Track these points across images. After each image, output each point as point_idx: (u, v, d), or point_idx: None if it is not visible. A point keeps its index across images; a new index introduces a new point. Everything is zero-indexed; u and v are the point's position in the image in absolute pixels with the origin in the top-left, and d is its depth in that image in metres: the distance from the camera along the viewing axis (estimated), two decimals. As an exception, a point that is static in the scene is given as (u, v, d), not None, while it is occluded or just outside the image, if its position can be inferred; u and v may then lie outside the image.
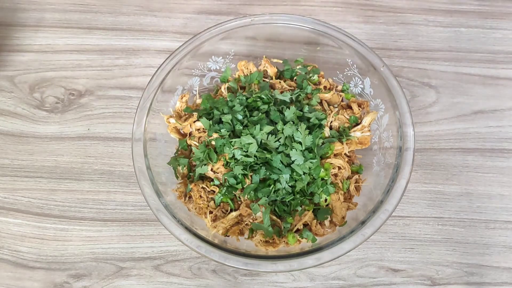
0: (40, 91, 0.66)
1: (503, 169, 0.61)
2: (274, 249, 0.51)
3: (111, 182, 0.61)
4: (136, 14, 0.71)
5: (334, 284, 0.56)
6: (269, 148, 0.53)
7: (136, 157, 0.52)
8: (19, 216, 0.59)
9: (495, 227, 0.58)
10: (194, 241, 0.48)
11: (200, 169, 0.54)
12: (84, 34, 0.70)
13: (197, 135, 0.57)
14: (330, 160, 0.55)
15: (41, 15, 0.71)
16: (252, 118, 0.55)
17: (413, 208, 0.59)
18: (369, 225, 0.48)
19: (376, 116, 0.57)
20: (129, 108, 0.64)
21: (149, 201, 0.50)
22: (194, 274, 0.56)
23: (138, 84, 0.66)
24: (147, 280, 0.56)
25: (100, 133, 0.63)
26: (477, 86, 0.65)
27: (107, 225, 0.58)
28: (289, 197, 0.53)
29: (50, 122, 0.64)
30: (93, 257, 0.57)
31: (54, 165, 0.62)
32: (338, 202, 0.54)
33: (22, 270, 0.56)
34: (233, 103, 0.56)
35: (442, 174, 0.61)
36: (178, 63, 0.56)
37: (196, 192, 0.54)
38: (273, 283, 0.56)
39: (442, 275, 0.56)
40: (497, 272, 0.56)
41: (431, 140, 0.63)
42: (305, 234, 0.52)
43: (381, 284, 0.56)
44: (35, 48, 0.69)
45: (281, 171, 0.52)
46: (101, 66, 0.67)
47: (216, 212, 0.54)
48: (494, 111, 0.64)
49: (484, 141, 0.63)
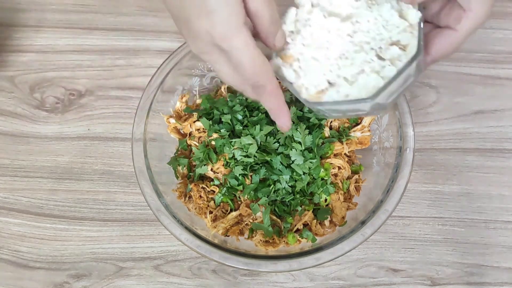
0: (40, 91, 0.66)
1: (503, 169, 0.61)
2: (274, 249, 0.51)
3: (111, 182, 0.61)
4: (137, 15, 0.71)
5: (334, 284, 0.56)
6: (268, 149, 0.53)
7: (136, 157, 0.52)
8: (19, 216, 0.59)
9: (495, 227, 0.58)
10: (194, 241, 0.48)
11: (200, 169, 0.54)
12: (84, 34, 0.70)
13: (197, 135, 0.57)
14: (330, 160, 0.55)
15: (42, 16, 0.71)
16: (252, 118, 0.55)
17: (413, 208, 0.59)
18: (369, 225, 0.48)
19: (376, 116, 0.57)
20: (129, 108, 0.65)
21: (149, 201, 0.50)
22: (194, 274, 0.56)
23: (138, 84, 0.66)
24: (147, 280, 0.56)
25: (100, 133, 0.63)
26: (477, 86, 0.65)
27: (107, 225, 0.58)
28: (289, 197, 0.53)
29: (50, 122, 0.64)
30: (93, 257, 0.57)
31: (54, 165, 0.62)
32: (338, 202, 0.54)
33: (22, 270, 0.56)
34: (233, 103, 0.56)
35: (442, 174, 0.61)
36: (178, 63, 0.56)
37: (196, 192, 0.54)
38: (273, 283, 0.56)
39: (442, 275, 0.56)
40: (497, 272, 0.56)
41: (431, 140, 0.63)
42: (305, 234, 0.52)
43: (381, 284, 0.56)
44: (36, 48, 0.69)
45: (281, 172, 0.52)
46: (101, 66, 0.68)
47: (216, 212, 0.54)
48: (494, 111, 0.64)
49: (484, 141, 0.63)
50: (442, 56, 0.41)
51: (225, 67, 0.37)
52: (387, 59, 0.37)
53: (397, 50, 0.37)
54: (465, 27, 0.39)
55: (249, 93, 0.39)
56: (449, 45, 0.40)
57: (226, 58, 0.36)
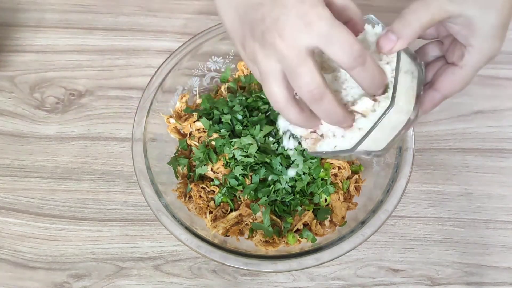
0: (40, 91, 0.66)
1: (503, 169, 0.61)
2: (274, 249, 0.51)
3: (111, 182, 0.61)
4: (136, 15, 0.71)
5: (334, 284, 0.56)
6: (268, 150, 0.53)
7: (136, 157, 0.52)
8: (19, 216, 0.59)
9: (495, 227, 0.58)
10: (194, 241, 0.48)
11: (200, 169, 0.54)
12: (84, 34, 0.70)
13: (197, 135, 0.57)
14: (330, 160, 0.55)
15: (42, 16, 0.71)
16: (252, 118, 0.55)
17: (413, 208, 0.59)
18: (369, 225, 0.48)
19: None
20: (129, 108, 0.65)
21: (149, 201, 0.50)
22: (194, 274, 0.56)
23: (138, 84, 0.66)
24: (147, 280, 0.56)
25: (100, 133, 0.63)
26: (476, 86, 0.66)
27: (107, 225, 0.58)
28: (289, 197, 0.53)
29: (50, 122, 0.64)
30: (93, 257, 0.57)
31: (54, 165, 0.62)
32: (338, 202, 0.54)
33: (22, 270, 0.56)
34: (233, 103, 0.56)
35: (442, 174, 0.61)
36: (178, 63, 0.56)
37: (196, 192, 0.54)
38: (273, 283, 0.56)
39: (442, 275, 0.56)
40: (497, 272, 0.56)
41: (431, 140, 0.63)
42: (305, 234, 0.52)
43: (381, 284, 0.56)
44: (36, 48, 0.69)
45: (281, 172, 0.52)
46: (101, 66, 0.68)
47: (216, 212, 0.54)
48: (493, 111, 0.64)
49: (484, 141, 0.63)
50: (450, 92, 0.40)
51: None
52: (360, 111, 0.37)
53: (368, 102, 0.37)
54: (470, 63, 0.38)
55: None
56: (455, 82, 0.40)
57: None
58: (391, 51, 0.36)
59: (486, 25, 0.36)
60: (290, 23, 0.34)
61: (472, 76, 0.39)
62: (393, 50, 0.36)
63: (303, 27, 0.34)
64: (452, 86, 0.40)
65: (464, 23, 0.37)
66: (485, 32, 0.37)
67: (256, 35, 0.36)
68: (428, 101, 0.41)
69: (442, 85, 0.40)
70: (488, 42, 0.37)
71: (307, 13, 0.34)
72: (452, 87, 0.40)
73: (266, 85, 0.37)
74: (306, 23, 0.34)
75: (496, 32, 0.37)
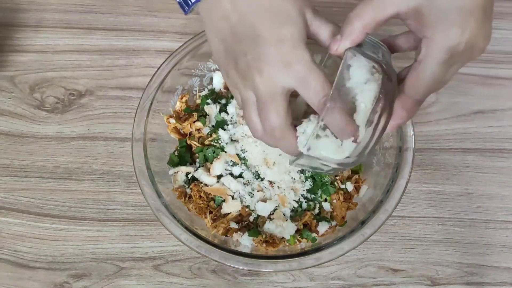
0: (40, 91, 0.66)
1: (503, 169, 0.61)
2: (274, 249, 0.51)
3: (111, 182, 0.61)
4: (136, 15, 0.71)
5: (334, 284, 0.56)
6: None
7: (136, 157, 0.52)
8: (19, 216, 0.59)
9: (495, 227, 0.58)
10: (194, 241, 0.48)
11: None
12: (84, 34, 0.70)
13: (197, 135, 0.57)
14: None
15: (42, 16, 0.71)
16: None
17: (413, 208, 0.59)
18: (369, 225, 0.48)
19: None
20: (129, 108, 0.65)
21: (149, 201, 0.50)
22: (194, 274, 0.56)
23: (138, 84, 0.66)
24: (147, 280, 0.56)
25: (100, 133, 0.63)
26: (476, 86, 0.65)
27: (107, 225, 0.58)
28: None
29: (50, 122, 0.64)
30: (93, 257, 0.57)
31: (54, 165, 0.62)
32: (338, 202, 0.54)
33: (22, 270, 0.56)
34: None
35: (442, 174, 0.61)
36: (178, 63, 0.56)
37: (196, 192, 0.54)
38: (273, 283, 0.56)
39: (442, 275, 0.56)
40: (497, 272, 0.56)
41: (431, 140, 0.63)
42: (305, 234, 0.52)
43: (381, 284, 0.56)
44: (36, 48, 0.69)
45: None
46: (101, 66, 0.68)
47: (216, 212, 0.54)
48: (494, 111, 0.64)
49: (484, 141, 0.63)
50: (417, 92, 0.37)
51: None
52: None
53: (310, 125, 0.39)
54: (428, 55, 0.35)
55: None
56: (417, 79, 0.36)
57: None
58: (337, 51, 0.37)
59: (437, 11, 0.33)
60: (269, 61, 0.36)
61: (438, 71, 0.35)
62: (338, 49, 0.37)
63: (282, 67, 0.36)
64: (417, 83, 0.36)
65: (414, 16, 0.35)
66: (437, 19, 0.33)
67: (238, 68, 0.38)
68: (399, 107, 0.38)
69: (407, 86, 0.37)
70: (443, 30, 0.34)
71: (287, 53, 0.36)
72: (416, 85, 0.36)
73: (245, 113, 0.40)
74: (285, 64, 0.36)
75: (451, 17, 0.33)
